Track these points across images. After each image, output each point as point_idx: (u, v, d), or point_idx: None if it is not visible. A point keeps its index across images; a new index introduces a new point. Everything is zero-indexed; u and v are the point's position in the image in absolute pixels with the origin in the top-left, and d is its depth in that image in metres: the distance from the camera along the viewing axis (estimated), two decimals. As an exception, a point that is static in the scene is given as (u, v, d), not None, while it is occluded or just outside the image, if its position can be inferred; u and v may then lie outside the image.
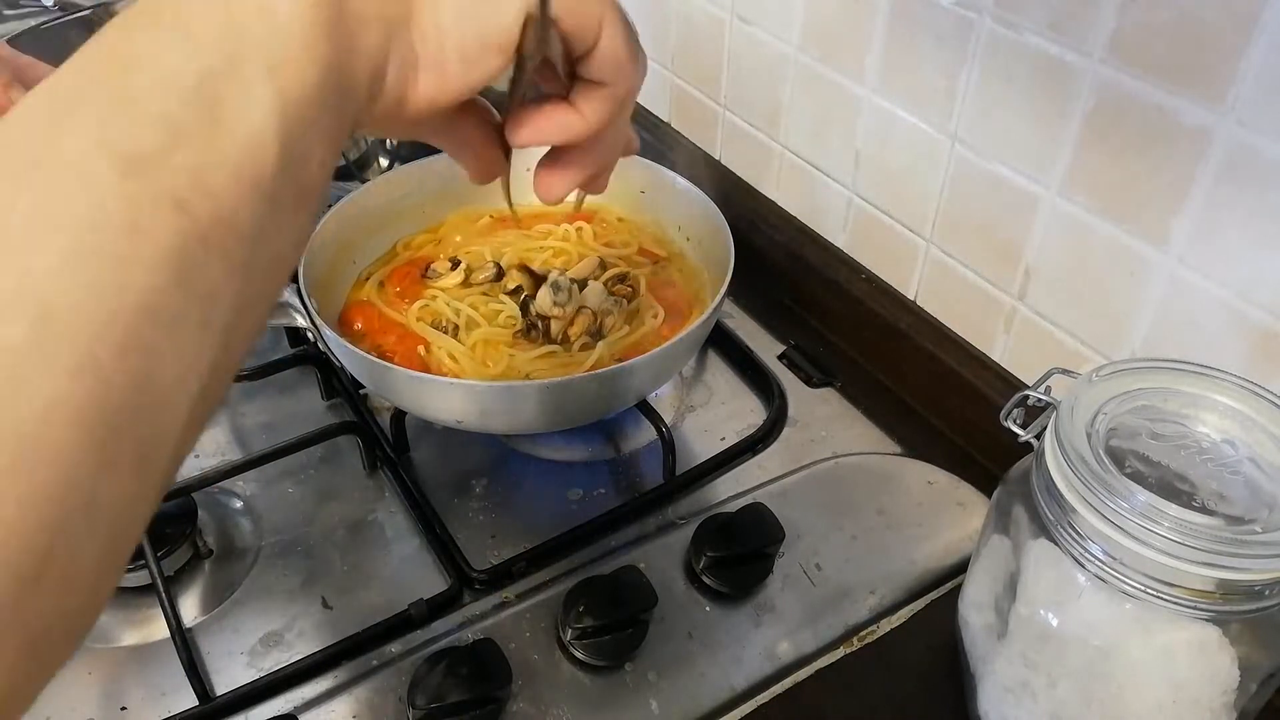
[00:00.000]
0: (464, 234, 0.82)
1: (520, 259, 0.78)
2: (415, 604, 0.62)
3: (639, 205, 0.83)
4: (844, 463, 0.73)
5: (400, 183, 0.80)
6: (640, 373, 0.65)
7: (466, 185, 0.47)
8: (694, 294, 0.77)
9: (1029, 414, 0.52)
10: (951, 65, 0.67)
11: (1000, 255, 0.70)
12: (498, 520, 0.69)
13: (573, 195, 0.46)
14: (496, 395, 0.63)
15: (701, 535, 0.64)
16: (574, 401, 0.65)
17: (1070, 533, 0.46)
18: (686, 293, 0.77)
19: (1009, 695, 0.52)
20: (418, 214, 0.82)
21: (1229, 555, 0.41)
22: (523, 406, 0.64)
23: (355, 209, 0.77)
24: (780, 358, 0.83)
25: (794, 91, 0.83)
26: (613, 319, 0.72)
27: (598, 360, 0.69)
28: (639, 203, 0.83)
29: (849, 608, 0.64)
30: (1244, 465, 0.46)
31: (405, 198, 0.81)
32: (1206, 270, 0.57)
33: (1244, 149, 0.52)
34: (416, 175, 0.81)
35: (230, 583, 0.65)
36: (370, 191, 0.78)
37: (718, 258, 0.74)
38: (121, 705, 0.59)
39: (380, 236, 0.80)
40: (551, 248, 0.80)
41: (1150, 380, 0.49)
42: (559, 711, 0.57)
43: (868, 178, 0.79)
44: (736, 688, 0.59)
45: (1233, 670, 0.46)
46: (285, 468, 0.72)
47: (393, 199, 0.80)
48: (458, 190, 0.81)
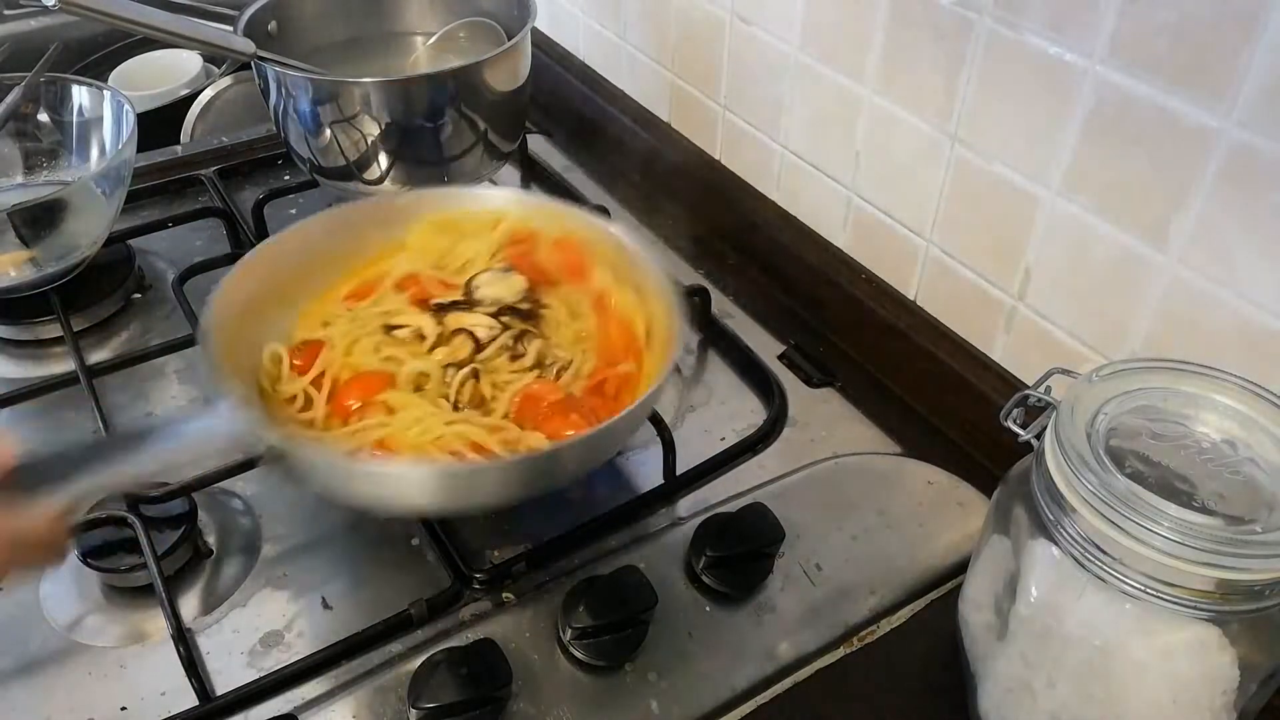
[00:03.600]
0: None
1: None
2: (415, 604, 0.62)
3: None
4: (844, 463, 0.73)
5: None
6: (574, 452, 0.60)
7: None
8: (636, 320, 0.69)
9: (1029, 414, 0.52)
10: (951, 65, 0.68)
11: (1000, 255, 0.70)
12: (498, 520, 0.69)
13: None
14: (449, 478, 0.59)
15: (701, 535, 0.64)
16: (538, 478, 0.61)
17: (1070, 533, 0.46)
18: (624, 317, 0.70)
19: (1009, 695, 0.52)
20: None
21: (1229, 555, 0.41)
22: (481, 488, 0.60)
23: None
24: (780, 358, 0.83)
25: (794, 91, 0.83)
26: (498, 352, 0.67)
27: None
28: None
29: (849, 608, 0.64)
30: (1244, 465, 0.46)
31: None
32: (1206, 270, 0.57)
33: (1244, 149, 0.52)
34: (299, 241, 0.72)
35: (230, 583, 0.65)
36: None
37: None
38: (121, 705, 0.59)
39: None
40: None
41: (1150, 380, 0.49)
42: (559, 711, 0.58)
43: (868, 178, 0.79)
44: (736, 688, 0.59)
45: (1233, 670, 0.46)
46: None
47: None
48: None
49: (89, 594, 0.64)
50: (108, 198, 0.84)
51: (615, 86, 1.07)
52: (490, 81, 0.89)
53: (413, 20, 1.03)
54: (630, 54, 1.02)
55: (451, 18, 1.02)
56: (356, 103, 0.85)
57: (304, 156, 0.92)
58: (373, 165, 0.90)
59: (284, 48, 0.91)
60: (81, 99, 0.91)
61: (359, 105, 0.85)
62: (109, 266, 0.89)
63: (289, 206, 0.98)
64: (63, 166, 0.93)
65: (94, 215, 0.84)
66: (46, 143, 0.93)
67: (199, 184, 1.01)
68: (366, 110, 0.85)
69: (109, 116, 0.90)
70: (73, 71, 0.94)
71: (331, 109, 0.86)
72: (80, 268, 0.85)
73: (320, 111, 0.87)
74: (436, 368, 0.65)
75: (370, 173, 0.90)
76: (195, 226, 0.96)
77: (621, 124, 1.05)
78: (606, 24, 1.05)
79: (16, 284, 0.82)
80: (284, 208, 0.98)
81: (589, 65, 1.11)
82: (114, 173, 0.84)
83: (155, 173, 1.01)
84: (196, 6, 1.19)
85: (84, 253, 0.84)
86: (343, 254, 0.75)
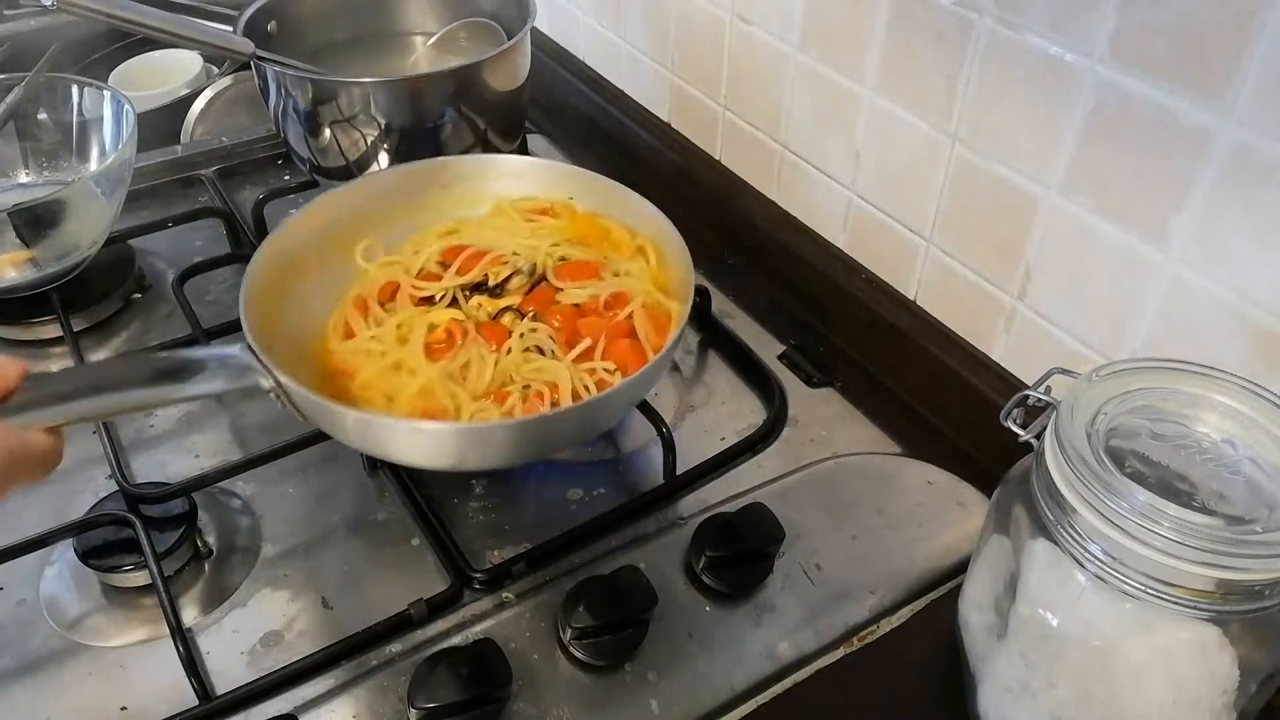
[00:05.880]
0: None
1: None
2: (415, 604, 0.62)
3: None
4: (844, 463, 0.73)
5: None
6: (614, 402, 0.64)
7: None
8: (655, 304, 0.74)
9: (1029, 414, 0.52)
10: (951, 65, 0.67)
11: (1000, 255, 0.70)
12: (498, 520, 0.69)
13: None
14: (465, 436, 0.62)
15: (701, 535, 0.64)
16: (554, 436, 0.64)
17: (1070, 533, 0.46)
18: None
19: (1009, 695, 0.52)
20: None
21: (1229, 555, 0.41)
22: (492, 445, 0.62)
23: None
24: (780, 358, 0.83)
25: (794, 91, 0.83)
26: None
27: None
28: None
29: (849, 608, 0.64)
30: (1244, 465, 0.46)
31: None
32: (1206, 270, 0.57)
33: (1244, 149, 0.52)
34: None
35: (230, 583, 0.65)
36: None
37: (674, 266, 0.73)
38: (121, 705, 0.59)
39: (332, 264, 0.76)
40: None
41: (1150, 380, 0.49)
42: (559, 711, 0.58)
43: (868, 178, 0.79)
44: (736, 688, 0.59)
45: (1232, 670, 0.46)
46: (285, 468, 0.72)
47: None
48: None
49: (89, 594, 0.64)
50: (108, 198, 0.84)
51: (615, 86, 1.07)
52: (490, 81, 0.89)
53: (413, 20, 1.04)
54: (630, 54, 1.02)
55: (451, 18, 1.02)
56: (356, 103, 0.85)
57: (304, 156, 0.92)
58: (373, 165, 0.90)
59: (284, 48, 0.91)
60: (81, 99, 0.91)
61: (359, 105, 0.85)
62: (109, 266, 0.89)
63: (289, 206, 0.98)
64: (63, 166, 0.94)
65: (94, 215, 0.84)
66: (46, 143, 0.93)
67: (199, 184, 1.01)
68: (366, 110, 0.86)
69: (109, 116, 0.90)
70: (73, 71, 0.94)
71: (331, 109, 0.86)
72: (80, 268, 0.85)
73: (320, 111, 0.87)
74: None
75: (369, 173, 0.90)
76: (195, 226, 0.96)
77: (621, 124, 1.05)
78: (606, 24, 1.05)
79: (16, 284, 0.82)
80: (284, 208, 0.97)
81: (589, 65, 1.11)
82: (114, 173, 0.84)
83: (155, 173, 1.01)
84: (196, 6, 1.19)
85: (84, 253, 0.84)
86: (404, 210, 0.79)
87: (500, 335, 0.71)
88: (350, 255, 0.77)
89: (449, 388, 0.67)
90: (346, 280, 0.77)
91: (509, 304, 0.73)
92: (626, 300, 0.72)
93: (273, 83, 0.88)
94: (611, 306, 0.72)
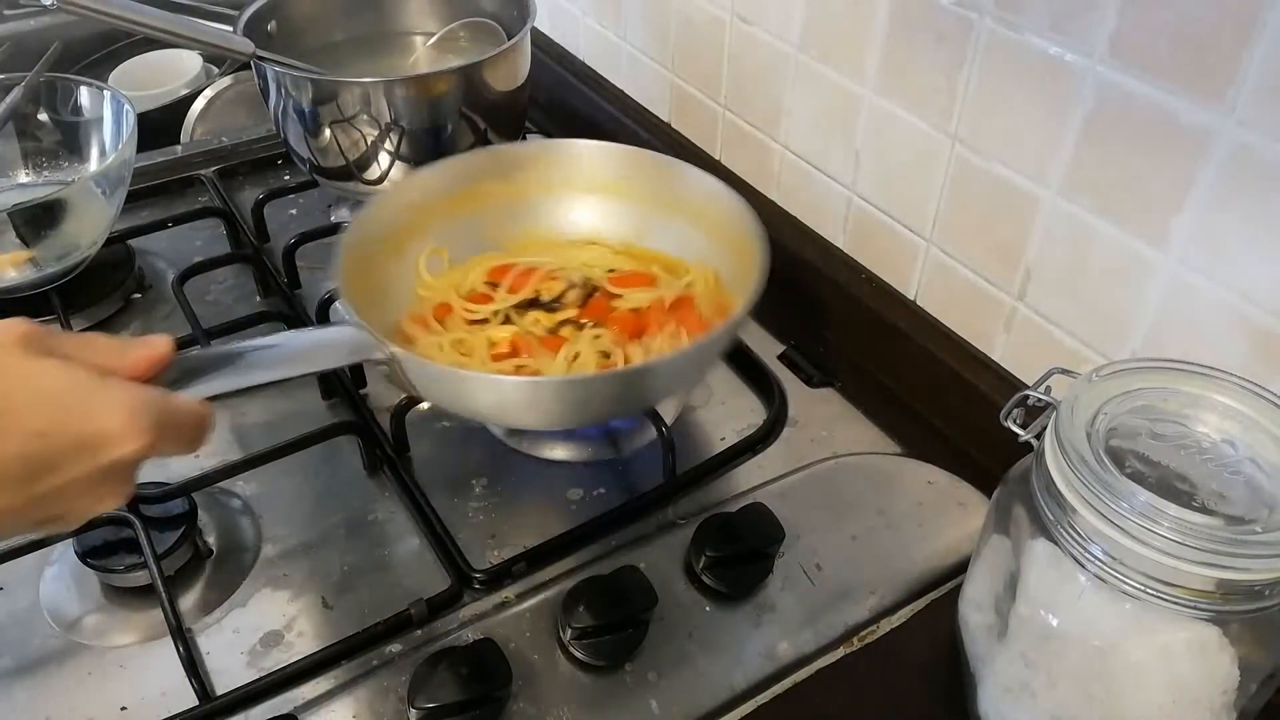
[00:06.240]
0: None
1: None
2: (415, 604, 0.62)
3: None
4: (844, 463, 0.73)
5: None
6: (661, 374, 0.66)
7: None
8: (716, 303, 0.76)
9: (1029, 414, 0.52)
10: (951, 65, 0.68)
11: (1000, 255, 0.70)
12: (498, 520, 0.69)
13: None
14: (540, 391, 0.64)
15: (701, 535, 0.64)
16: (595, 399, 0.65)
17: (1070, 533, 0.46)
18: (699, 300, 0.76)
19: (1009, 695, 0.52)
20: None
21: (1229, 555, 0.41)
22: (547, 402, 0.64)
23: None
24: (780, 358, 0.83)
25: (794, 91, 0.83)
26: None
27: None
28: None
29: (849, 608, 0.64)
30: (1244, 465, 0.46)
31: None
32: (1206, 270, 0.57)
33: (1244, 149, 0.52)
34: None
35: (230, 583, 0.65)
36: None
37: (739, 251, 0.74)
38: (121, 705, 0.59)
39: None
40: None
41: (1150, 380, 0.49)
42: (559, 711, 0.58)
43: (868, 178, 0.79)
44: (736, 688, 0.59)
45: (1233, 670, 0.46)
46: (285, 468, 0.72)
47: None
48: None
49: (89, 594, 0.64)
50: (108, 198, 0.84)
51: (615, 86, 1.07)
52: (490, 81, 0.89)
53: (413, 20, 1.04)
54: (630, 54, 1.02)
55: (451, 18, 1.02)
56: (356, 103, 0.85)
57: (304, 156, 0.92)
58: (373, 165, 0.90)
59: (284, 48, 0.91)
60: (81, 99, 0.91)
61: (359, 105, 0.85)
62: (109, 266, 0.89)
63: (289, 207, 0.99)
64: (63, 166, 0.94)
65: (94, 215, 0.84)
66: (46, 143, 0.93)
67: (199, 184, 1.01)
68: (366, 110, 0.85)
69: (109, 116, 0.90)
70: (73, 71, 0.94)
71: (331, 109, 0.86)
72: (80, 268, 0.85)
73: (320, 111, 0.87)
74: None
75: (370, 173, 0.90)
76: (195, 226, 0.96)
77: (621, 124, 1.05)
78: (606, 24, 1.05)
79: (16, 284, 0.82)
80: (284, 208, 0.98)
81: (589, 65, 1.11)
82: (114, 173, 0.84)
83: (155, 173, 1.01)
84: (196, 6, 1.19)
85: (84, 253, 0.84)
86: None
87: (561, 347, 0.72)
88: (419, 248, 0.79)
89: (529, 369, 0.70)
90: (411, 281, 0.78)
91: (566, 317, 0.74)
92: (692, 302, 0.73)
93: (273, 83, 0.88)
94: (676, 309, 0.74)
